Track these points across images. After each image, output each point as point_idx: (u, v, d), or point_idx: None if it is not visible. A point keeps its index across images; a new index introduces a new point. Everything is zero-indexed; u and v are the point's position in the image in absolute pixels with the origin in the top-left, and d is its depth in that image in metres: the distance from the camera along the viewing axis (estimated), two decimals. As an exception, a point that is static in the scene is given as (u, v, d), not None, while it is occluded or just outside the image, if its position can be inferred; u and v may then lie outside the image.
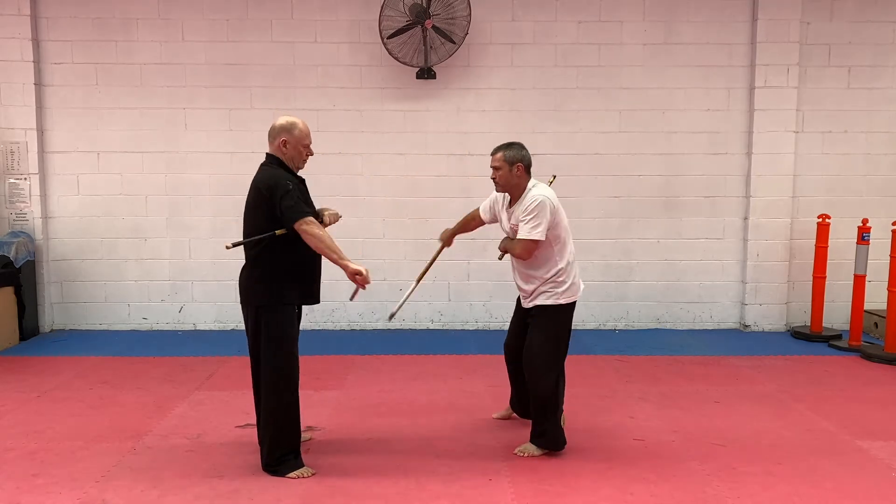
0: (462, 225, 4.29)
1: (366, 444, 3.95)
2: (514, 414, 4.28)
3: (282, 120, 3.57)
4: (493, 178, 3.80)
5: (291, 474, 3.51)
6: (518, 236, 3.70)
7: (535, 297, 3.77)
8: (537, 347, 3.73)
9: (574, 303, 3.81)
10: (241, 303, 3.63)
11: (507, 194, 3.86)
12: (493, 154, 3.80)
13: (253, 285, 3.55)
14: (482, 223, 4.20)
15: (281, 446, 3.54)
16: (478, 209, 4.18)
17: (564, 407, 3.93)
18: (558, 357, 3.76)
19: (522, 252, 3.70)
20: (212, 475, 3.55)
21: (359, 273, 3.46)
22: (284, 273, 3.51)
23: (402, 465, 3.68)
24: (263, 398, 3.56)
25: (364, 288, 3.56)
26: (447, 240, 4.28)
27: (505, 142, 3.85)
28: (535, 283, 3.76)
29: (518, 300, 4.02)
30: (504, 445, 3.92)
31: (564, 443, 3.81)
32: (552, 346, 3.73)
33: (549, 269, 3.73)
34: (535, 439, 3.81)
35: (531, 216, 3.64)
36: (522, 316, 3.95)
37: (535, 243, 3.66)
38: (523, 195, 3.76)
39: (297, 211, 3.40)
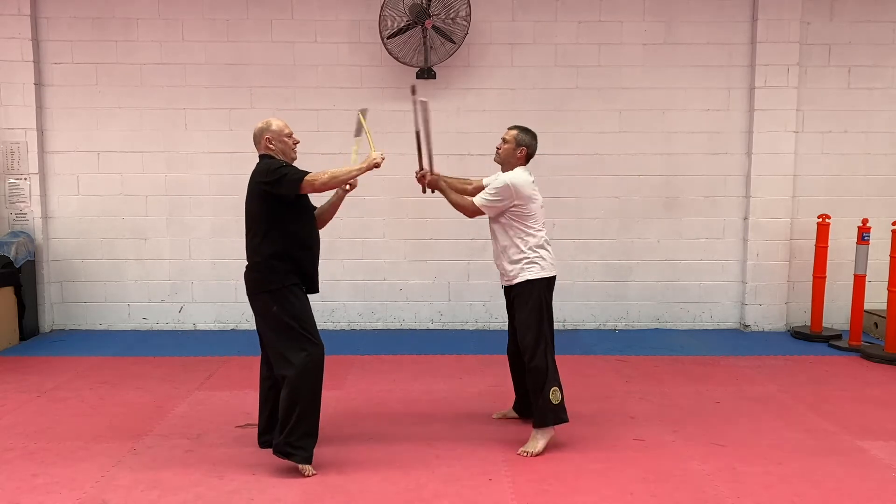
0: (458, 183, 4.26)
1: (366, 445, 3.95)
2: (515, 414, 4.31)
3: (258, 124, 3.74)
4: (497, 148, 4.06)
5: (300, 466, 3.52)
6: (474, 198, 3.98)
7: (515, 276, 3.93)
8: (522, 321, 3.90)
9: (551, 278, 3.95)
10: (249, 301, 3.69)
11: (500, 168, 4.10)
12: (509, 129, 4.06)
13: (254, 276, 3.63)
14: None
15: (305, 430, 3.53)
16: (481, 180, 4.25)
17: (566, 407, 3.94)
18: (542, 327, 3.87)
19: (468, 208, 3.99)
20: (212, 475, 3.55)
21: (376, 162, 3.60)
22: (282, 260, 3.59)
23: (402, 465, 3.68)
24: (290, 386, 3.52)
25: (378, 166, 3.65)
26: (434, 180, 4.14)
27: (524, 125, 4.10)
28: (513, 261, 3.93)
29: (507, 297, 4.11)
30: (504, 445, 3.92)
31: (566, 418, 3.88)
32: (535, 317, 3.87)
33: (523, 244, 3.91)
34: (537, 419, 3.86)
35: (494, 190, 3.90)
36: (511, 306, 4.07)
37: (479, 210, 3.95)
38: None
39: (296, 175, 3.52)
